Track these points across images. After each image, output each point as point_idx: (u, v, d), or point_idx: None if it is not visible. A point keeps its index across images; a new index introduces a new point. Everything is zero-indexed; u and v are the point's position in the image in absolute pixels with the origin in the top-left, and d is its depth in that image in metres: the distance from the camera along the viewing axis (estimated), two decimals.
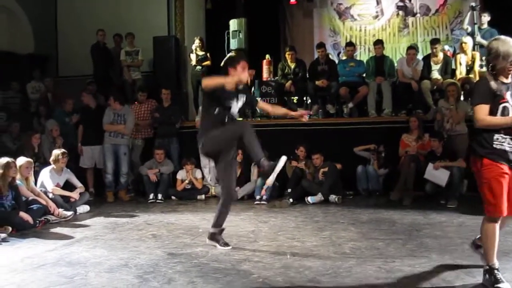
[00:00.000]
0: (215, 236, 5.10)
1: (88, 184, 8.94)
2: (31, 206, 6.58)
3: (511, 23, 10.85)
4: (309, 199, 7.84)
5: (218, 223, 5.10)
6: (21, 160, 6.94)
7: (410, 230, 5.77)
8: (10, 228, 5.99)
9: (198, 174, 8.80)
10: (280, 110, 5.84)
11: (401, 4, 13.36)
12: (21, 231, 6.12)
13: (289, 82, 9.89)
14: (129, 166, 9.10)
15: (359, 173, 8.46)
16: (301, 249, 5.03)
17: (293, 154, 8.44)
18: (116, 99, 8.73)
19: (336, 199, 7.81)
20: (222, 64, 5.07)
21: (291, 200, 7.77)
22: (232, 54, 5.31)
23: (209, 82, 4.72)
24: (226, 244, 5.04)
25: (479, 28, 9.53)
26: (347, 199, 8.13)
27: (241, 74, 4.93)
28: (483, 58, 9.14)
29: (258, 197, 8.09)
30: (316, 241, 5.35)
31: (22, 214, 6.24)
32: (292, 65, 10.00)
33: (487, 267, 3.76)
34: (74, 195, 7.48)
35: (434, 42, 9.46)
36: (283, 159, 4.61)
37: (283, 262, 4.54)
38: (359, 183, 8.49)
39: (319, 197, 7.85)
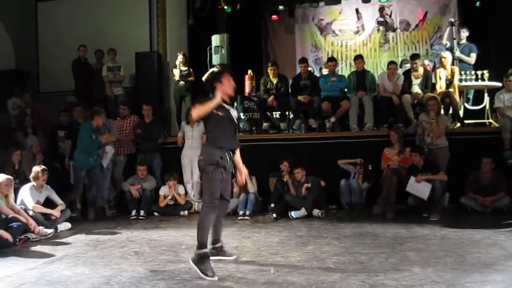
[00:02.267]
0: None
1: (76, 200, 8.88)
2: (11, 224, 6.46)
3: (488, 38, 11.11)
4: (293, 213, 7.83)
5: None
6: (1, 177, 6.83)
7: (393, 243, 5.79)
8: None
9: (181, 189, 8.76)
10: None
11: (381, 19, 13.55)
12: (1, 249, 6.00)
13: (272, 97, 9.91)
14: (111, 181, 9.02)
15: (342, 187, 8.46)
16: (285, 264, 5.01)
17: (276, 169, 8.44)
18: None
19: (320, 214, 7.81)
20: (205, 80, 5.03)
21: (274, 215, 7.75)
22: (213, 69, 5.19)
23: (198, 112, 4.73)
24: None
25: (458, 43, 9.69)
26: (330, 213, 8.14)
27: (228, 86, 4.91)
28: (462, 72, 9.36)
29: (241, 212, 8.07)
30: (299, 256, 5.34)
31: (1, 232, 6.13)
32: (275, 80, 10.03)
33: None
34: (55, 213, 7.36)
35: (414, 57, 9.57)
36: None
37: (266, 277, 4.52)
38: (342, 197, 8.49)
39: (302, 211, 7.84)
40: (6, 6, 11.58)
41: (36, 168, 7.51)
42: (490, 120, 9.50)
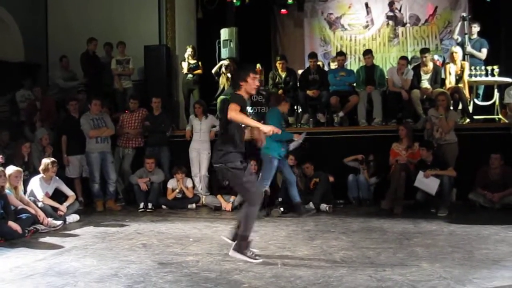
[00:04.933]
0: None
1: (77, 193, 8.81)
2: (20, 215, 6.52)
3: (499, 33, 11.02)
4: None
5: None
6: (11, 169, 6.89)
7: (401, 238, 5.79)
8: None
9: (189, 183, 8.78)
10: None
11: (391, 14, 13.46)
12: (10, 240, 6.06)
13: (280, 91, 9.91)
14: (119, 174, 9.06)
15: (350, 182, 8.47)
16: (292, 258, 5.03)
17: None
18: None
19: (327, 208, 7.81)
20: (234, 75, 5.10)
21: (282, 209, 7.75)
22: (241, 67, 5.24)
23: (237, 118, 4.71)
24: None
25: (469, 38, 9.61)
26: (338, 208, 8.14)
27: (252, 86, 4.92)
28: (472, 67, 9.31)
29: None
30: (307, 250, 5.35)
31: (11, 223, 6.18)
32: (283, 74, 10.03)
33: None
34: (62, 208, 7.38)
35: (424, 51, 9.53)
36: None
37: (274, 271, 4.53)
38: (350, 192, 8.49)
39: (310, 206, 7.84)
40: None
41: (46, 161, 7.55)
42: (500, 116, 9.45)
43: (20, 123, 10.19)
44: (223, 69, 10.39)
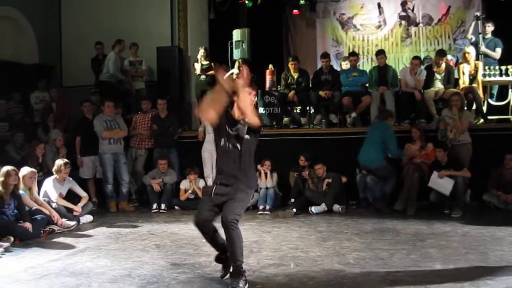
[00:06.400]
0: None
1: (90, 194, 8.80)
2: (35, 216, 6.58)
3: None
4: (313, 209, 7.81)
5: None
6: (25, 170, 6.93)
7: (414, 240, 5.76)
8: (12, 238, 5.99)
9: (201, 183, 8.79)
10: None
11: (403, 14, 13.39)
12: (24, 240, 6.11)
13: (292, 92, 9.91)
14: (130, 174, 9.10)
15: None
16: (305, 259, 5.02)
17: (296, 164, 8.43)
18: (109, 101, 8.68)
19: (340, 209, 7.79)
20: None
21: (294, 210, 7.75)
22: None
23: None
24: None
25: (483, 38, 9.53)
26: (351, 209, 8.11)
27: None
28: (487, 67, 9.22)
29: (261, 207, 8.08)
30: (319, 251, 5.34)
31: (25, 223, 6.23)
32: (295, 75, 10.02)
33: None
34: (77, 208, 7.44)
35: (441, 54, 9.33)
36: None
37: (286, 272, 4.53)
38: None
39: (322, 207, 7.82)
40: (30, 2, 11.73)
41: (59, 162, 7.59)
42: None
43: (34, 124, 10.26)
44: (234, 76, 10.39)
